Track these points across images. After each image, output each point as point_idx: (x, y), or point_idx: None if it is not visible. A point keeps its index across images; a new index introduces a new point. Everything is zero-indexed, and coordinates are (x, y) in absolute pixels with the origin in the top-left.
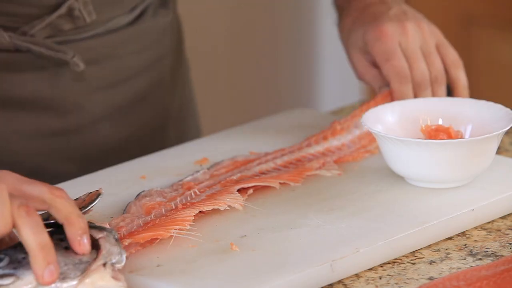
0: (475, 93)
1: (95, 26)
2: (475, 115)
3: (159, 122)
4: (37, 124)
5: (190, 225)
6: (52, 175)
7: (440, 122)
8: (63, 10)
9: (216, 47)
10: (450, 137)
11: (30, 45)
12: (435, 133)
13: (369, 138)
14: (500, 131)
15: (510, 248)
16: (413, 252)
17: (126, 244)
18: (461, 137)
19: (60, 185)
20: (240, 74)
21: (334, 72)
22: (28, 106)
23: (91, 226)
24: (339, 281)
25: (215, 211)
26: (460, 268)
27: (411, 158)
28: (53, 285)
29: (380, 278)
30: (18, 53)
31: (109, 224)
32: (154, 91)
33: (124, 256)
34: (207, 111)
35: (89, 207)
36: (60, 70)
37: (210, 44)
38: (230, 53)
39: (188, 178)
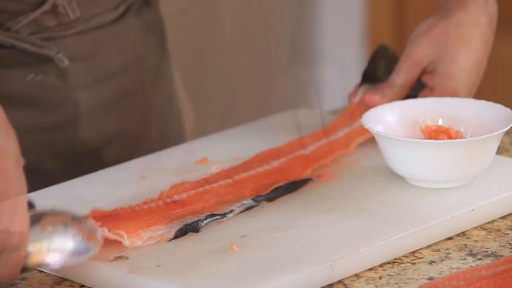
0: (475, 93)
1: (79, 23)
2: (475, 115)
3: (142, 120)
4: (22, 120)
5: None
6: (37, 172)
7: (440, 122)
8: (47, 6)
9: (215, 47)
10: (450, 137)
11: (14, 41)
12: (435, 133)
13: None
14: (500, 131)
15: (510, 248)
16: (413, 252)
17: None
18: (461, 137)
19: (58, 186)
20: (240, 74)
21: (334, 72)
22: (13, 102)
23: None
24: (339, 281)
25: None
26: (460, 268)
27: (411, 158)
28: None
29: (380, 278)
30: (2, 49)
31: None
32: (137, 89)
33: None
34: (207, 111)
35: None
36: (44, 66)
37: (210, 44)
38: (229, 53)
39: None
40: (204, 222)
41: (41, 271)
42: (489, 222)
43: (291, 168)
